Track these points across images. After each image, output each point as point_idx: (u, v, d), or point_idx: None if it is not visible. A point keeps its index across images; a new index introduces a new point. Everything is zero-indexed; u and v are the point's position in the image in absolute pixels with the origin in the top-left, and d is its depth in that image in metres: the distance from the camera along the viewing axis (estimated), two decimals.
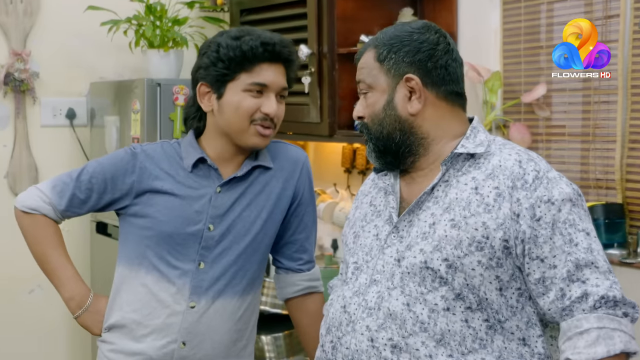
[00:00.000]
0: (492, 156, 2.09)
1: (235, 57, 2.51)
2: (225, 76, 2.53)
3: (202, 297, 2.57)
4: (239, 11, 4.27)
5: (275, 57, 2.54)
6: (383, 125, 2.15)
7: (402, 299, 2.04)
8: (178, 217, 2.57)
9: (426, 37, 2.15)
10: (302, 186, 2.71)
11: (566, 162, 3.22)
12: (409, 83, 2.12)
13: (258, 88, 2.52)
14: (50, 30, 4.63)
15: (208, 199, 2.58)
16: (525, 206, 2.00)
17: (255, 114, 2.53)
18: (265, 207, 2.63)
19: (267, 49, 2.52)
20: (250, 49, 2.51)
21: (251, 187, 2.62)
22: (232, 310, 2.61)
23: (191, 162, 2.60)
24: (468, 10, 3.59)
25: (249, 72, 2.52)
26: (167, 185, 2.59)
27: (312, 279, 2.77)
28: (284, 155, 2.70)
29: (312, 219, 2.77)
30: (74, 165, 4.66)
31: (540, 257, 1.99)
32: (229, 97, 2.54)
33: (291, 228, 2.73)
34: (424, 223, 2.08)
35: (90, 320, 2.67)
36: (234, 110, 2.53)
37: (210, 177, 2.60)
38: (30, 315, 4.70)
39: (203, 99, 2.59)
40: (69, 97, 4.71)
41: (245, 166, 2.61)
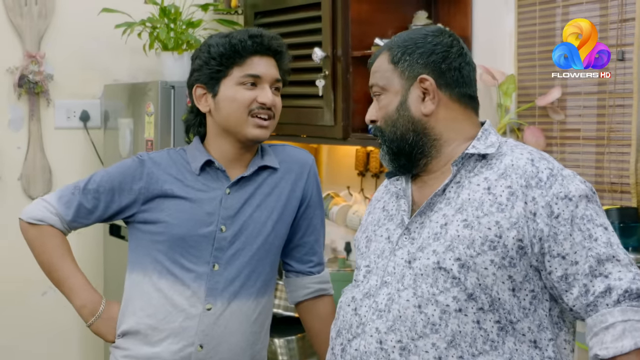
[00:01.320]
0: (503, 156, 2.11)
1: (225, 52, 2.57)
2: (218, 73, 2.59)
3: (217, 299, 2.58)
4: (253, 14, 4.28)
5: (265, 50, 2.60)
6: (396, 126, 2.16)
7: (414, 300, 2.05)
8: (189, 219, 2.59)
9: (440, 40, 2.17)
10: (310, 188, 2.73)
11: (581, 166, 3.22)
12: (422, 84, 2.14)
13: (251, 80, 2.57)
14: (64, 33, 4.65)
15: (218, 201, 2.60)
16: (541, 204, 2.01)
17: (252, 104, 2.57)
18: (276, 209, 2.64)
19: (255, 41, 2.58)
20: (239, 42, 2.57)
21: (260, 188, 2.64)
22: (248, 312, 2.62)
23: (199, 165, 2.62)
24: (483, 13, 3.59)
25: (240, 65, 2.58)
26: (176, 189, 2.61)
27: (322, 282, 2.78)
28: (292, 158, 2.73)
29: (320, 222, 2.79)
30: (87, 168, 4.69)
31: (561, 254, 2.00)
32: (224, 92, 2.58)
33: (300, 231, 2.74)
34: (436, 224, 2.09)
35: (104, 327, 2.68)
36: (230, 104, 2.57)
37: (219, 179, 2.62)
38: (42, 318, 4.72)
39: (200, 101, 2.64)
40: (83, 100, 4.73)
41: (251, 166, 2.64)
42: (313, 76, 3.81)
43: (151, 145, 4.13)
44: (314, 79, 3.79)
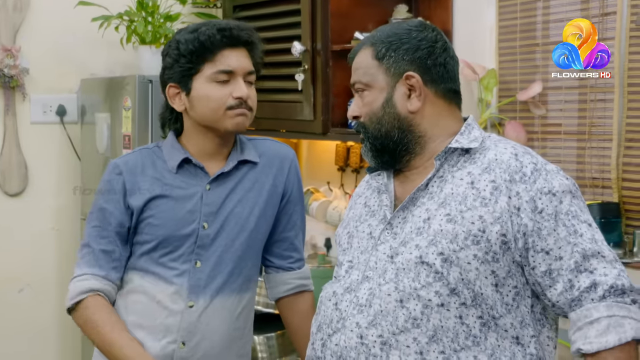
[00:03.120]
0: (487, 151, 2.11)
1: (195, 49, 2.55)
2: (190, 70, 2.56)
3: (200, 295, 2.58)
4: (232, 7, 4.27)
5: (235, 42, 2.58)
6: (381, 123, 2.16)
7: (395, 295, 2.05)
8: (171, 219, 2.58)
9: (424, 35, 2.17)
10: (291, 183, 2.73)
11: (562, 161, 3.22)
12: (409, 81, 2.14)
13: (224, 77, 2.55)
14: (40, 26, 4.63)
15: (199, 197, 2.60)
16: (525, 199, 2.01)
17: (228, 101, 2.55)
18: (257, 204, 2.64)
19: (224, 34, 2.56)
20: (208, 38, 2.54)
21: (241, 183, 2.64)
22: (231, 309, 2.62)
23: (175, 163, 2.61)
24: (463, 7, 3.59)
25: (211, 61, 2.55)
26: (156, 190, 2.60)
27: (302, 277, 2.78)
28: (272, 152, 2.72)
29: (300, 217, 2.79)
30: (64, 163, 4.68)
31: (545, 249, 2.01)
32: (197, 90, 2.57)
33: (280, 226, 2.74)
34: (418, 218, 2.09)
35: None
36: (205, 103, 2.56)
37: (197, 176, 2.61)
38: (19, 315, 4.71)
39: (174, 100, 2.62)
40: (59, 94, 4.72)
41: (231, 161, 2.63)
42: (292, 70, 3.80)
43: (128, 141, 4.11)
44: (293, 73, 3.78)
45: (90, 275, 2.59)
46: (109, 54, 4.69)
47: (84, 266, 2.61)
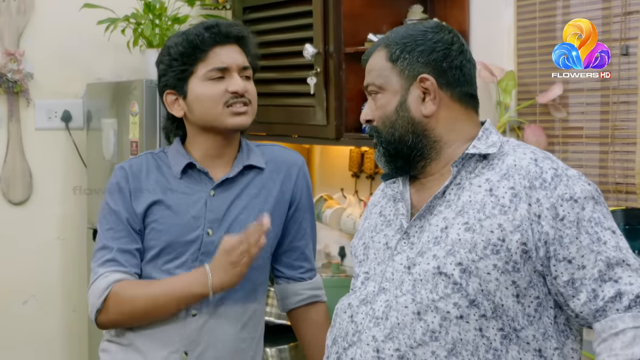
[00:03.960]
0: (506, 156, 2.10)
1: (185, 50, 2.58)
2: (183, 73, 2.59)
3: (203, 304, 2.58)
4: (242, 9, 4.27)
5: (224, 38, 2.60)
6: (395, 127, 2.15)
7: (413, 307, 2.04)
8: (175, 225, 2.59)
9: (440, 37, 2.16)
10: (300, 191, 2.73)
11: (584, 166, 3.21)
12: (423, 84, 2.13)
13: (218, 74, 2.57)
14: (44, 30, 4.64)
15: (204, 203, 2.60)
16: (546, 206, 2.00)
17: (224, 96, 2.57)
18: (264, 211, 2.63)
19: (213, 31, 2.58)
20: (197, 37, 2.57)
21: (246, 189, 2.64)
22: (235, 318, 2.62)
23: (180, 168, 2.63)
24: (480, 7, 3.59)
25: (203, 60, 2.58)
26: (160, 195, 2.61)
27: (314, 288, 2.78)
28: (280, 158, 2.72)
29: (311, 225, 2.79)
30: (69, 171, 4.69)
31: (567, 258, 2.00)
32: (193, 92, 2.59)
33: (289, 235, 2.74)
34: (436, 227, 2.08)
35: (224, 279, 2.49)
36: (202, 102, 2.58)
37: (202, 181, 2.62)
38: (24, 327, 4.71)
39: (173, 107, 2.64)
40: (64, 99, 4.72)
41: (236, 166, 2.64)
42: (304, 73, 3.80)
43: (136, 147, 4.12)
44: (305, 76, 3.78)
45: (110, 272, 2.56)
46: (115, 57, 4.69)
47: (102, 268, 2.58)
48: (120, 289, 2.53)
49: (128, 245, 2.60)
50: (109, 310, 2.55)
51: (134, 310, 2.55)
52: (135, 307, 2.54)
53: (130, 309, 2.54)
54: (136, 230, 2.61)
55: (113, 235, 2.60)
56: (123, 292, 2.53)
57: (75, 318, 4.79)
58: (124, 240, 2.60)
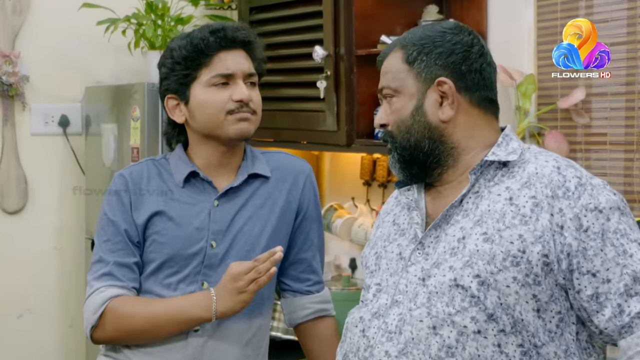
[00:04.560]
0: (527, 164, 2.10)
1: (189, 54, 2.58)
2: (186, 77, 2.60)
3: None
4: (248, 9, 4.28)
5: (230, 43, 2.61)
6: (411, 132, 2.15)
7: (428, 321, 2.04)
8: (177, 237, 2.59)
9: (460, 38, 2.17)
10: (307, 200, 2.73)
11: (608, 174, 3.21)
12: (441, 87, 2.13)
13: (222, 80, 2.58)
14: (41, 30, 4.65)
15: (207, 214, 2.61)
16: (569, 216, 2.00)
17: (228, 104, 2.57)
18: (270, 221, 2.64)
19: (218, 35, 2.59)
20: (201, 41, 2.58)
21: (251, 199, 2.64)
22: (239, 334, 2.62)
23: (182, 177, 2.63)
24: (499, 7, 3.59)
25: (207, 66, 2.59)
26: (162, 205, 2.61)
27: (322, 302, 2.78)
28: (286, 166, 2.73)
29: (318, 237, 2.79)
30: (67, 178, 4.69)
31: (591, 271, 1.99)
32: (196, 98, 2.60)
33: (296, 246, 2.74)
34: (452, 238, 2.08)
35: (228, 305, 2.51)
36: (205, 109, 2.59)
37: (205, 190, 2.63)
38: (19, 342, 4.71)
39: (174, 112, 2.65)
40: (62, 103, 4.73)
41: (240, 175, 2.65)
42: (314, 77, 3.80)
43: (137, 153, 4.12)
44: (315, 80, 3.79)
45: (106, 286, 2.58)
46: (115, 59, 4.70)
47: (98, 282, 2.59)
48: (117, 305, 2.54)
49: (125, 258, 2.60)
50: (105, 327, 2.56)
51: (132, 329, 2.56)
52: (133, 326, 2.55)
53: (129, 327, 2.55)
54: (135, 242, 2.61)
55: (110, 248, 2.61)
56: (121, 309, 2.54)
57: (72, 333, 4.78)
58: (121, 253, 2.60)
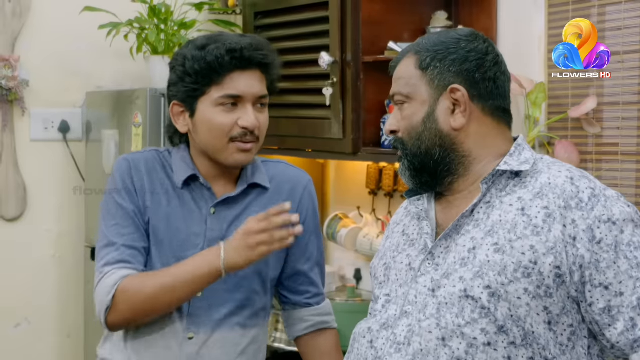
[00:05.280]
0: (539, 174, 2.11)
1: (201, 70, 2.54)
2: (195, 91, 2.56)
3: (200, 327, 2.60)
4: (253, 14, 4.29)
5: (246, 64, 2.56)
6: (421, 140, 2.16)
7: (437, 332, 2.05)
8: (174, 239, 2.60)
9: (474, 46, 2.18)
10: (305, 212, 2.73)
11: (619, 185, 3.22)
12: (453, 95, 2.14)
13: (231, 101, 2.55)
14: (41, 34, 4.66)
15: (204, 220, 2.61)
16: (582, 228, 2.01)
17: (233, 130, 2.55)
18: None
19: (234, 56, 2.54)
20: (216, 59, 2.53)
21: (249, 209, 2.64)
22: (234, 343, 2.63)
23: (182, 178, 2.63)
24: (509, 13, 3.60)
25: (219, 84, 2.54)
26: (162, 202, 2.62)
27: (322, 314, 2.79)
28: (284, 176, 2.73)
29: (317, 249, 2.79)
30: (67, 185, 4.70)
31: (603, 284, 2.00)
32: (202, 114, 2.57)
33: (294, 258, 2.75)
34: (463, 248, 2.09)
35: (238, 258, 2.48)
36: (208, 130, 2.56)
37: (203, 196, 2.63)
38: (16, 353, 4.71)
39: (178, 120, 2.63)
40: (62, 108, 4.74)
41: (240, 185, 2.65)
42: (320, 84, 3.81)
43: None
44: (321, 86, 3.79)
45: (117, 268, 2.55)
46: (117, 64, 4.71)
47: (107, 267, 2.56)
48: (128, 283, 2.52)
49: (135, 242, 2.59)
50: (118, 307, 2.53)
51: (145, 300, 2.52)
52: (145, 297, 2.51)
53: (141, 299, 2.52)
54: (143, 226, 2.60)
55: (119, 232, 2.59)
56: (131, 286, 2.52)
57: (70, 344, 4.79)
58: (131, 237, 2.59)
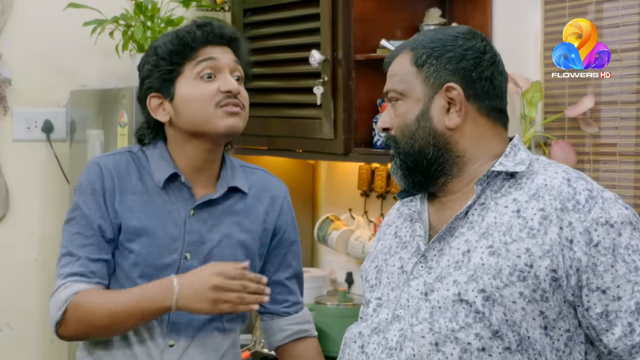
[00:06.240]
0: (535, 175, 2.12)
1: (174, 48, 2.61)
2: (170, 73, 2.61)
3: (181, 333, 2.61)
4: (242, 11, 4.29)
5: (217, 38, 2.64)
6: (415, 138, 2.17)
7: (430, 337, 2.06)
8: (151, 245, 2.60)
9: (472, 44, 2.18)
10: (284, 223, 2.77)
11: (617, 186, 3.22)
12: (449, 93, 2.15)
13: (208, 68, 2.59)
14: (24, 31, 4.65)
15: (182, 223, 2.62)
16: (579, 230, 2.02)
17: (216, 96, 2.58)
18: (245, 240, 2.66)
19: (205, 30, 2.62)
20: (188, 34, 2.61)
21: (228, 214, 2.66)
22: (213, 347, 2.65)
23: (163, 177, 2.63)
24: (504, 11, 3.61)
25: (192, 59, 2.61)
26: (137, 208, 2.62)
27: (302, 322, 2.81)
28: (265, 185, 2.76)
29: (296, 258, 2.82)
30: (50, 186, 4.69)
31: (601, 287, 2.01)
32: (181, 93, 2.61)
33: (272, 267, 2.77)
34: (457, 251, 2.10)
35: (197, 304, 2.48)
36: (191, 104, 2.59)
37: (182, 197, 2.64)
38: None
39: (157, 112, 2.64)
40: (45, 108, 4.73)
41: (220, 186, 2.66)
42: (310, 82, 3.81)
43: None
44: (312, 85, 3.79)
45: (72, 282, 2.56)
46: (102, 62, 4.70)
47: (63, 277, 2.57)
48: (80, 300, 2.53)
49: (96, 254, 2.59)
50: (68, 323, 2.55)
51: (93, 324, 2.55)
52: (94, 321, 2.54)
53: (90, 322, 2.54)
54: (107, 239, 2.60)
55: (81, 242, 2.59)
56: (83, 304, 2.53)
57: (53, 350, 4.78)
58: (92, 248, 2.59)
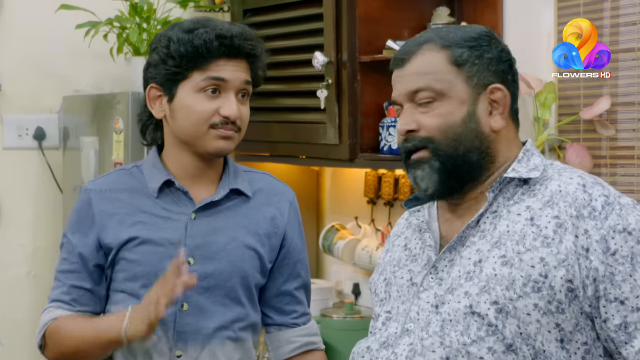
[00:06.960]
0: (549, 181, 2.11)
1: (186, 53, 2.56)
2: (176, 75, 2.59)
3: (188, 343, 2.60)
4: (242, 11, 4.28)
5: (234, 52, 2.59)
6: (460, 140, 2.13)
7: (441, 351, 2.05)
8: (151, 253, 2.61)
9: (503, 46, 2.19)
10: (292, 230, 2.76)
11: (636, 191, 3.22)
12: (493, 95, 2.14)
13: (213, 85, 2.57)
14: (15, 34, 4.66)
15: (183, 228, 2.62)
16: (595, 238, 2.01)
17: (213, 117, 2.57)
18: (253, 244, 2.66)
19: (223, 42, 2.57)
20: (204, 43, 2.55)
21: (233, 217, 2.66)
22: (226, 357, 2.64)
23: (156, 185, 2.64)
24: (516, 9, 3.60)
25: (202, 69, 2.57)
26: (133, 223, 2.63)
27: (310, 334, 2.81)
28: (272, 190, 2.76)
29: (304, 267, 2.82)
30: (43, 196, 4.69)
31: (619, 298, 2.00)
32: (181, 99, 2.59)
33: (280, 277, 2.77)
34: (468, 261, 2.09)
35: (135, 330, 2.51)
36: (186, 115, 2.58)
37: (180, 202, 2.64)
38: None
39: (154, 105, 2.65)
40: (37, 114, 4.73)
41: (222, 189, 2.65)
42: (314, 85, 3.82)
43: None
44: (315, 88, 3.79)
45: (54, 307, 2.65)
46: (96, 66, 4.71)
47: (51, 300, 2.68)
48: (58, 326, 2.62)
49: (79, 282, 2.65)
50: (48, 347, 2.65)
51: (65, 349, 2.62)
52: (64, 346, 2.62)
53: (66, 347, 2.62)
54: (91, 266, 2.64)
55: (67, 268, 2.67)
56: (59, 331, 2.62)
57: None
58: (74, 275, 2.65)
